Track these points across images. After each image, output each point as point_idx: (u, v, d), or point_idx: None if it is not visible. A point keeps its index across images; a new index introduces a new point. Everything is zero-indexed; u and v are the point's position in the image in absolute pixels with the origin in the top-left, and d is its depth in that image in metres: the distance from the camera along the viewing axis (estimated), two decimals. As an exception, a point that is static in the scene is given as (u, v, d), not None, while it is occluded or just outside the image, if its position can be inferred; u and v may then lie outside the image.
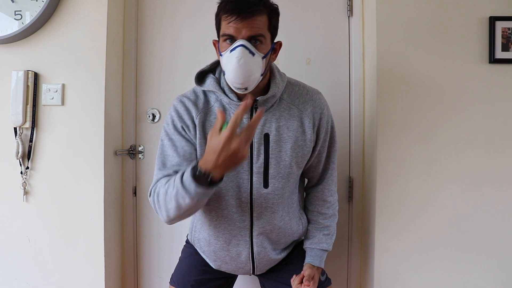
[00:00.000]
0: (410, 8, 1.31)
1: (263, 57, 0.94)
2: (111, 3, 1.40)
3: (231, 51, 0.91)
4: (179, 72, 1.52)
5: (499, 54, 1.28)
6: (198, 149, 1.01)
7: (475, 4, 1.29)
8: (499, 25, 1.28)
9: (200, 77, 1.06)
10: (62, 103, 1.40)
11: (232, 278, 1.21)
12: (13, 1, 1.38)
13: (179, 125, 1.02)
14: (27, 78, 1.38)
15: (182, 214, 0.91)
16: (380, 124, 1.32)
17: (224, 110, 1.02)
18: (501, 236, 1.30)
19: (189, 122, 1.01)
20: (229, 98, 1.00)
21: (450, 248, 1.31)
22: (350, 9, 1.47)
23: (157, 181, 0.99)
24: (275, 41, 1.02)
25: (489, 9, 1.29)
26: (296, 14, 1.46)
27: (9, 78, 1.38)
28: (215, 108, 1.03)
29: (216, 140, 0.78)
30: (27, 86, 1.38)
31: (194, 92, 1.06)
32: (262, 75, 0.97)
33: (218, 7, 0.96)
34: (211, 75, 1.05)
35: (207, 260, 1.14)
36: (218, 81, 1.03)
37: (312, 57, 1.47)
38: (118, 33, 1.49)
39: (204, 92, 1.06)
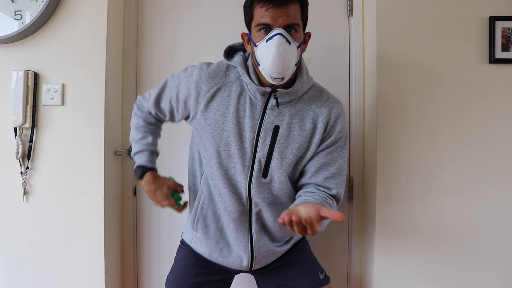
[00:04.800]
0: (410, 8, 1.31)
1: (298, 47, 0.95)
2: (111, 3, 1.40)
3: (267, 40, 0.91)
4: (179, 72, 1.52)
5: (499, 54, 1.28)
6: (199, 117, 1.04)
7: (475, 4, 1.29)
8: (499, 25, 1.28)
9: (229, 52, 1.07)
10: (62, 103, 1.40)
11: (228, 280, 1.20)
12: (13, 1, 1.38)
13: (185, 86, 1.04)
14: (27, 78, 1.38)
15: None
16: (380, 124, 1.32)
17: (241, 89, 1.02)
18: (502, 236, 1.30)
19: (196, 90, 1.02)
20: (250, 79, 1.00)
21: (450, 248, 1.31)
22: (350, 9, 1.47)
23: (146, 106, 1.15)
24: (305, 32, 1.02)
25: (489, 9, 1.29)
26: (296, 14, 1.46)
27: (9, 78, 1.38)
28: (233, 86, 1.02)
29: (158, 192, 1.12)
30: (27, 86, 1.38)
31: (219, 64, 1.06)
32: (296, 65, 0.97)
33: None
34: (240, 53, 1.05)
35: (203, 248, 1.13)
36: (245, 60, 1.04)
37: (312, 57, 1.47)
38: (118, 33, 1.49)
39: (227, 67, 1.05)
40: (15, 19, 1.38)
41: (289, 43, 0.91)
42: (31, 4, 1.36)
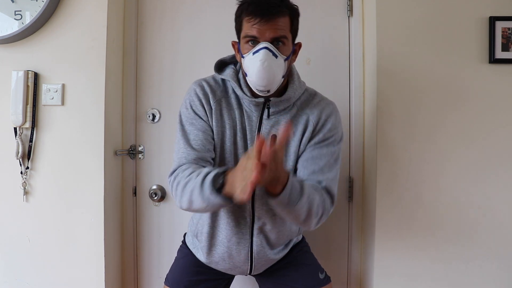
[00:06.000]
0: (410, 8, 1.31)
1: (285, 59, 0.95)
2: (111, 3, 1.40)
3: (254, 53, 0.92)
4: (179, 72, 1.52)
5: (499, 54, 1.28)
6: (214, 133, 1.01)
7: (475, 4, 1.29)
8: (499, 25, 1.28)
9: (220, 66, 1.07)
10: (62, 103, 1.39)
11: (227, 279, 1.20)
12: (13, 1, 1.38)
13: (199, 109, 1.01)
14: (27, 78, 1.37)
15: (192, 209, 0.93)
16: (380, 124, 1.32)
17: (238, 102, 1.02)
18: (502, 235, 1.30)
19: (207, 107, 1.02)
20: (243, 92, 1.00)
21: (450, 248, 1.31)
22: (350, 9, 1.47)
23: (179, 165, 0.97)
24: (295, 42, 1.02)
25: (489, 9, 1.29)
26: (296, 14, 1.46)
27: (9, 78, 1.38)
28: (232, 98, 1.03)
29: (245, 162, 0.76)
30: (27, 86, 1.38)
31: (214, 78, 1.07)
32: (283, 77, 0.97)
33: (239, 8, 0.96)
34: (231, 66, 1.05)
35: (203, 257, 1.12)
36: (237, 73, 1.04)
37: (312, 57, 1.47)
38: (118, 33, 1.49)
39: (223, 80, 1.06)
40: (15, 19, 1.38)
41: (276, 56, 0.92)
42: (31, 4, 1.36)
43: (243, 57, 0.96)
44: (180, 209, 0.97)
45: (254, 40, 0.93)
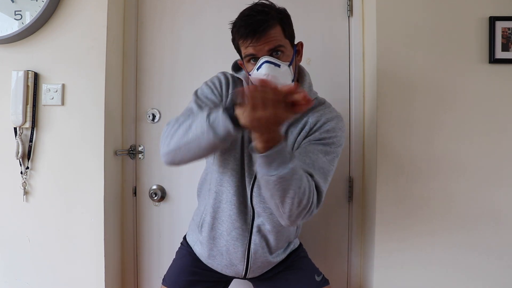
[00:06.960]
0: (410, 8, 1.31)
1: (289, 65, 0.97)
2: (111, 3, 1.40)
3: (257, 69, 0.95)
4: (179, 72, 1.52)
5: (499, 54, 1.28)
6: None
7: (475, 4, 1.29)
8: (499, 25, 1.28)
9: (237, 67, 1.11)
10: (62, 103, 1.40)
11: (224, 283, 1.20)
12: (13, 1, 1.38)
13: (218, 89, 1.05)
14: (27, 78, 1.38)
15: (183, 144, 0.87)
16: (380, 124, 1.32)
17: None
18: (504, 234, 1.30)
19: (225, 93, 1.05)
20: None
21: (450, 248, 1.31)
22: (350, 9, 1.47)
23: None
24: (296, 42, 1.04)
25: (489, 9, 1.29)
26: (296, 14, 1.44)
27: (9, 78, 1.38)
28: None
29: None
30: (27, 86, 1.38)
31: (232, 75, 1.10)
32: (292, 81, 0.99)
33: (232, 32, 1.00)
34: None
35: (203, 250, 1.12)
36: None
37: (312, 57, 1.47)
38: (118, 33, 1.49)
39: (237, 78, 1.09)
40: (15, 19, 1.38)
41: (278, 66, 0.94)
42: (31, 4, 1.36)
43: (250, 75, 0.99)
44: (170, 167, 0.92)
45: (254, 57, 0.96)
